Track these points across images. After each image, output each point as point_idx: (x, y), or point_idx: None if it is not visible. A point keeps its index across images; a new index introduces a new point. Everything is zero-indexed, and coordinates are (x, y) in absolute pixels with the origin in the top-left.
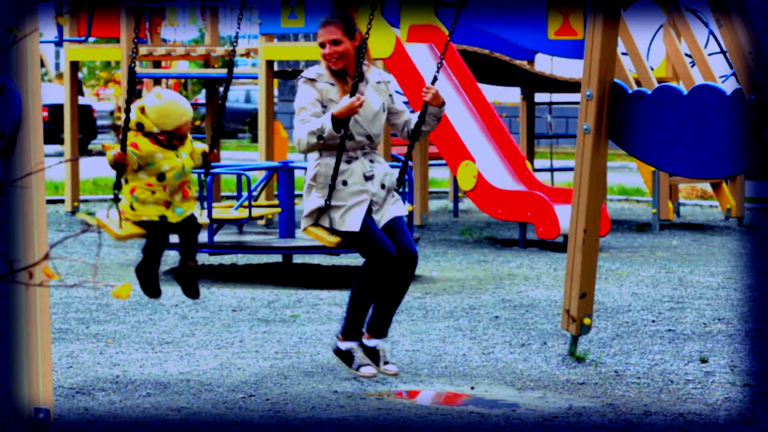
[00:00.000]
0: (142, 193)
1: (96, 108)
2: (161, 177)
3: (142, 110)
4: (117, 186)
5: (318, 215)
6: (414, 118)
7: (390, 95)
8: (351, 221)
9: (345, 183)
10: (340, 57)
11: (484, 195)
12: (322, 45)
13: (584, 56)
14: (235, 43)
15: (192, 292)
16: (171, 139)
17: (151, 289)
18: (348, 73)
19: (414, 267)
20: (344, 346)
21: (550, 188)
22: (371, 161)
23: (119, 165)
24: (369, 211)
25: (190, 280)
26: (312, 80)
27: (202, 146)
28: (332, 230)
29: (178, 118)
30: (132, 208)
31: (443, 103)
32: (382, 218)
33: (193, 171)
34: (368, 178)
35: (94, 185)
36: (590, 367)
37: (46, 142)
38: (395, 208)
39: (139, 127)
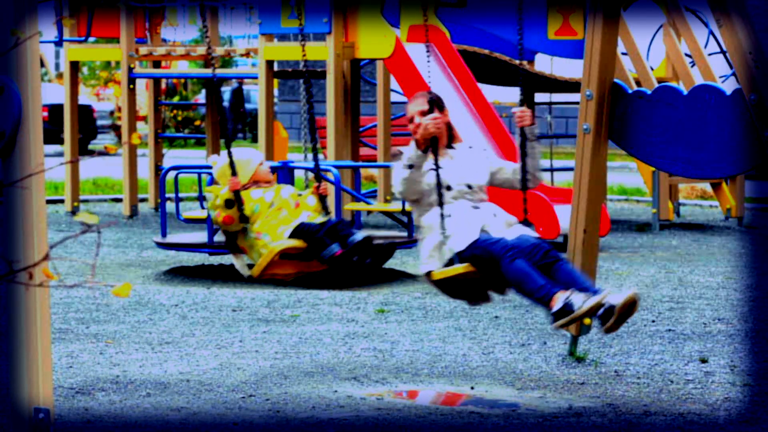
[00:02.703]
0: (266, 227)
1: (96, 108)
2: (272, 206)
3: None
4: (243, 219)
5: (436, 255)
6: (518, 165)
7: (484, 149)
8: (465, 236)
9: (450, 215)
10: (428, 129)
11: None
12: (410, 120)
13: (584, 56)
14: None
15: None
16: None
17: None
18: (439, 146)
19: (549, 252)
20: (557, 306)
21: (550, 188)
22: (476, 203)
23: (236, 197)
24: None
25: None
26: (400, 152)
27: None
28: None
29: (244, 169)
30: (266, 245)
31: (533, 122)
32: (504, 236)
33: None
34: (475, 208)
35: (94, 185)
36: (590, 367)
37: (46, 142)
38: (520, 230)
39: (228, 204)
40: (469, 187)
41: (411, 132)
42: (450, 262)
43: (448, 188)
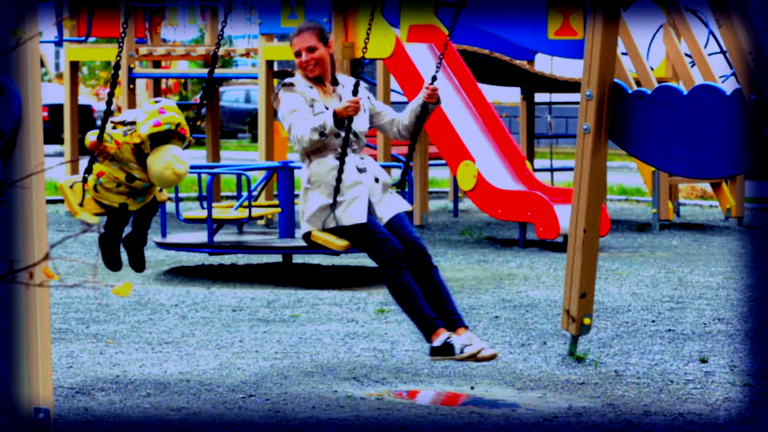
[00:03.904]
0: (108, 182)
1: (96, 108)
2: (130, 178)
3: (152, 134)
4: (88, 170)
5: (322, 217)
6: (403, 117)
7: (368, 98)
8: (354, 214)
9: (340, 180)
10: (317, 64)
11: (484, 195)
12: (298, 54)
13: (584, 56)
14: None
15: (137, 264)
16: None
17: (112, 261)
18: (324, 79)
19: (424, 256)
20: (438, 341)
21: (550, 188)
22: (361, 158)
23: (93, 154)
24: (370, 210)
25: (138, 251)
26: (291, 85)
27: (162, 192)
28: (338, 233)
29: (167, 185)
30: (95, 189)
31: (438, 100)
32: (384, 215)
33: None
34: (361, 170)
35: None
36: (590, 367)
37: (46, 142)
38: (396, 204)
39: (140, 146)
40: (355, 135)
41: (297, 65)
42: (332, 229)
43: (337, 135)
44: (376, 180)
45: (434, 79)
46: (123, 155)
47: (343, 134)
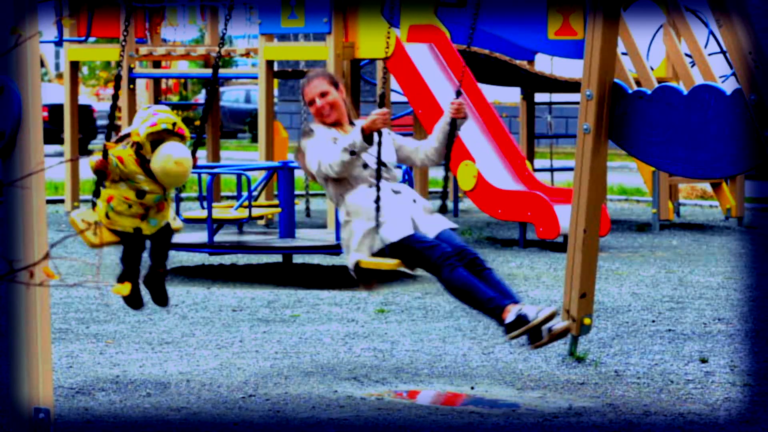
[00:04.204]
0: (119, 205)
1: (96, 108)
2: (140, 194)
3: (150, 134)
4: (96, 193)
5: (368, 242)
6: (431, 140)
7: (388, 133)
8: (399, 229)
9: (378, 199)
10: (332, 108)
11: (484, 195)
12: (311, 102)
13: (584, 56)
14: (220, 47)
15: (160, 300)
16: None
17: (134, 301)
18: (341, 123)
19: (477, 259)
20: (510, 317)
21: (550, 188)
22: (394, 185)
23: (100, 173)
24: (415, 228)
25: (159, 287)
26: (310, 132)
27: (175, 220)
28: (387, 254)
29: (176, 184)
30: (107, 216)
31: (466, 115)
32: (429, 231)
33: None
34: (396, 192)
35: (94, 185)
36: (590, 367)
37: (46, 142)
38: (441, 221)
39: (137, 146)
40: (384, 165)
41: (313, 113)
42: (379, 252)
43: (365, 166)
44: (414, 201)
45: (459, 93)
46: (128, 168)
47: (371, 165)
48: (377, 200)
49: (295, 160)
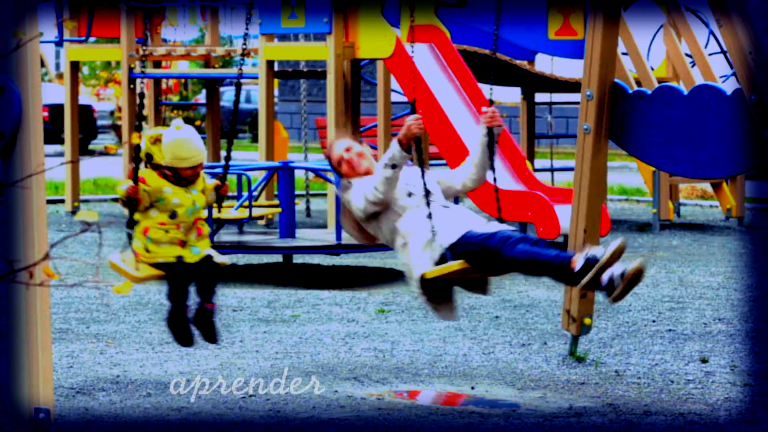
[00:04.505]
0: (156, 233)
1: (96, 108)
2: (173, 215)
3: (155, 141)
4: (130, 224)
5: (428, 253)
6: (469, 158)
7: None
8: (455, 229)
9: (429, 205)
10: (361, 157)
11: (485, 195)
12: (339, 162)
13: (584, 56)
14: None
15: (210, 337)
16: (179, 179)
17: (185, 338)
18: (371, 173)
19: (534, 239)
20: (579, 264)
21: (550, 188)
22: (443, 202)
23: (131, 200)
24: None
25: (209, 324)
26: (348, 185)
27: (213, 181)
28: (450, 257)
29: (192, 159)
30: (147, 249)
31: (501, 123)
32: (484, 231)
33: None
34: (445, 207)
35: (94, 185)
36: (590, 367)
37: (47, 142)
38: (496, 225)
39: (148, 158)
40: (429, 192)
41: (339, 171)
42: (441, 260)
43: (410, 194)
44: (466, 214)
45: (491, 102)
46: (153, 185)
47: (416, 192)
48: (429, 215)
49: (342, 224)
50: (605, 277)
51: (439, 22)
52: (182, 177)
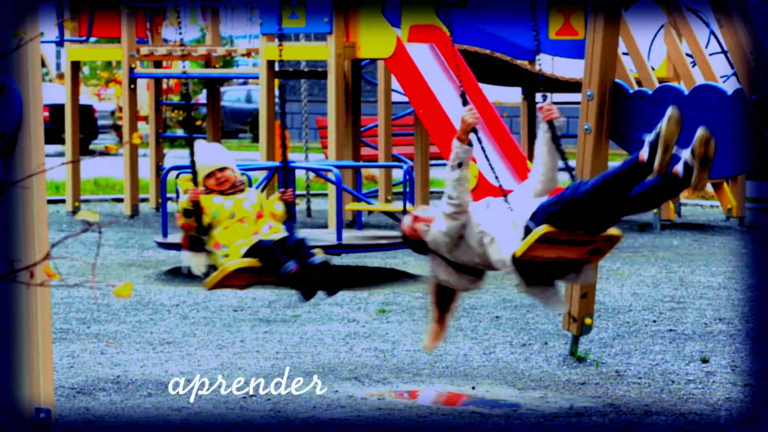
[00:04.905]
0: (225, 238)
1: (97, 108)
2: (232, 217)
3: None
4: (197, 247)
5: (515, 235)
6: (537, 160)
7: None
8: (531, 203)
9: (506, 198)
10: (422, 220)
11: (485, 195)
12: (411, 231)
13: (585, 56)
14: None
15: (332, 288)
16: (221, 192)
17: (307, 293)
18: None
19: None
20: (645, 154)
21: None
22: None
23: (196, 206)
24: None
25: (323, 278)
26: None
27: (275, 195)
28: (535, 225)
29: (204, 167)
30: (226, 255)
31: (559, 114)
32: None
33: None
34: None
35: (95, 185)
36: (591, 367)
37: (47, 142)
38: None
39: (186, 213)
40: (506, 194)
41: (413, 240)
42: (526, 230)
43: (488, 205)
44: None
45: (545, 97)
46: (209, 209)
47: (490, 202)
48: (505, 198)
49: (433, 272)
50: (679, 168)
51: (439, 22)
52: (211, 190)
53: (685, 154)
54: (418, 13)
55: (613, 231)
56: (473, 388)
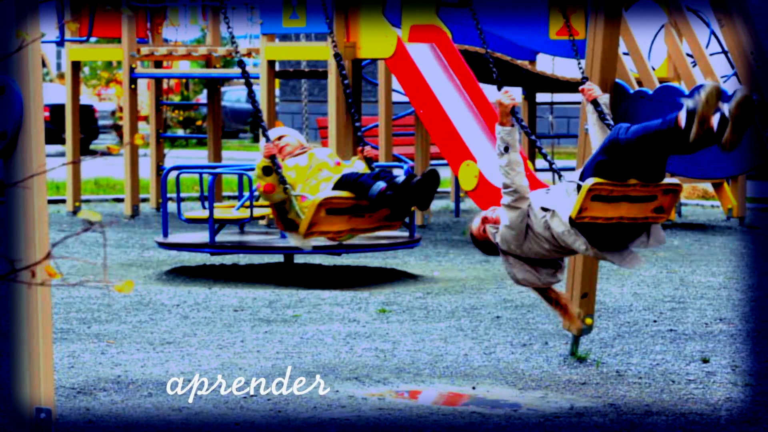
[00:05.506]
0: (310, 190)
1: (97, 108)
2: (310, 168)
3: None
4: (283, 188)
5: (570, 202)
6: (593, 142)
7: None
8: (576, 173)
9: (559, 175)
10: (492, 221)
11: (486, 195)
12: (482, 234)
13: (586, 56)
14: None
15: (423, 202)
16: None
17: (399, 213)
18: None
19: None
20: (683, 119)
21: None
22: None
23: (273, 160)
24: None
25: (415, 189)
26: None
27: (354, 157)
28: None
29: (271, 134)
30: (301, 215)
31: (599, 92)
32: None
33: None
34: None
35: (95, 185)
36: (592, 367)
37: (48, 142)
38: None
39: (266, 171)
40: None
41: (488, 235)
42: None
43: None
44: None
45: (585, 79)
46: (285, 171)
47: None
48: (559, 175)
49: (510, 273)
50: (714, 122)
51: (440, 22)
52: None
53: (724, 109)
54: (419, 13)
55: (670, 180)
56: (474, 388)
